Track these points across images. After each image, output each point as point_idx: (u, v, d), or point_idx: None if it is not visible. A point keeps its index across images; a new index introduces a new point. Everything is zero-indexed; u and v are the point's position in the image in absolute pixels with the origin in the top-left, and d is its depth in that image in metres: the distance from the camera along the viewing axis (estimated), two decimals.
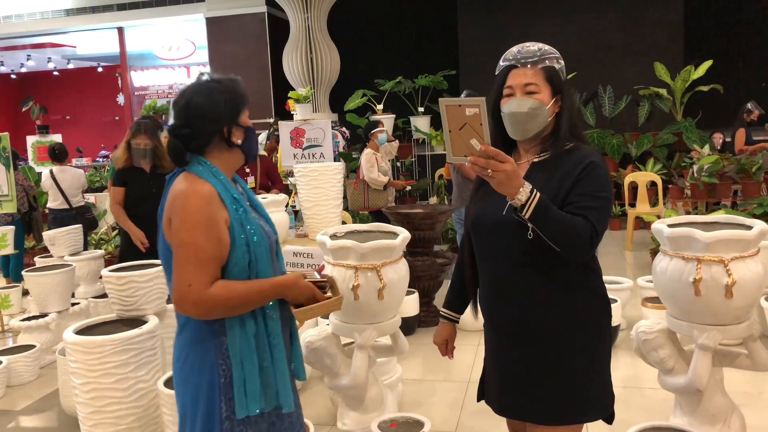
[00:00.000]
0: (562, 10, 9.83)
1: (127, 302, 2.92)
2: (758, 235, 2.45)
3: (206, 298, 1.61)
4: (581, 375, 1.79)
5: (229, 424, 1.67)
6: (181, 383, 1.74)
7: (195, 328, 1.69)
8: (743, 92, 8.83)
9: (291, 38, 9.13)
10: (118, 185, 4.26)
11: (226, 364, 1.67)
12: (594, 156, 1.77)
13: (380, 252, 2.82)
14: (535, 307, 1.78)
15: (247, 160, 1.81)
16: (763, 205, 5.06)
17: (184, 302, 1.62)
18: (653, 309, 4.06)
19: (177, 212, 1.63)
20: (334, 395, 3.18)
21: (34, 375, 4.19)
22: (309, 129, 5.77)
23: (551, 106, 1.79)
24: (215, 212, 1.64)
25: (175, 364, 1.76)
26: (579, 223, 1.68)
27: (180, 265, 1.62)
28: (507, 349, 1.88)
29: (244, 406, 1.66)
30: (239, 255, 1.66)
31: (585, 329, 1.80)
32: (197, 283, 1.60)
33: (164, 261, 1.72)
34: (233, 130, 1.73)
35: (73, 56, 13.34)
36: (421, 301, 4.72)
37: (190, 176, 1.68)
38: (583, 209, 1.69)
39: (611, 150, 8.46)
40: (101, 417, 2.66)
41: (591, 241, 1.69)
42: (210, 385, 1.67)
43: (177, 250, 1.62)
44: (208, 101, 1.69)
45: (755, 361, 2.56)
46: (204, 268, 1.61)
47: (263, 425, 1.72)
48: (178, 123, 1.71)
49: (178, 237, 1.62)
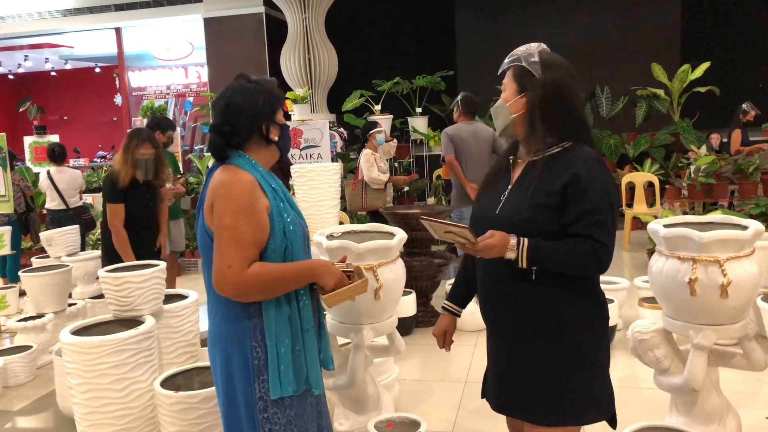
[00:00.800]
0: (560, 11, 9.85)
1: (123, 303, 2.92)
2: (753, 235, 2.45)
3: (244, 279, 1.70)
4: (571, 376, 1.79)
5: (262, 404, 1.76)
6: (220, 368, 1.82)
7: (229, 310, 1.78)
8: (740, 93, 8.84)
9: (289, 39, 9.13)
10: (118, 202, 3.98)
11: (260, 345, 1.76)
12: (580, 164, 1.73)
13: (377, 252, 2.83)
14: (525, 306, 1.80)
15: (282, 156, 1.92)
16: (760, 206, 5.07)
17: (224, 283, 1.71)
18: (650, 309, 4.07)
19: (220, 199, 1.73)
20: (331, 395, 3.18)
21: (31, 376, 4.19)
22: (307, 129, 5.77)
23: (512, 103, 1.83)
24: (257, 199, 1.74)
25: (213, 349, 1.85)
26: (579, 247, 1.70)
27: (222, 248, 1.71)
28: (502, 346, 1.91)
29: (278, 387, 1.75)
30: (277, 241, 1.76)
31: (575, 330, 1.79)
32: (237, 265, 1.69)
33: (203, 248, 1.82)
34: (271, 128, 1.84)
35: (70, 57, 13.32)
36: (419, 301, 4.72)
37: (231, 167, 1.79)
38: (585, 229, 1.71)
39: (608, 150, 8.46)
40: (98, 417, 2.65)
41: (599, 258, 1.71)
42: (245, 367, 1.75)
43: (219, 233, 1.72)
44: (248, 100, 1.80)
45: (750, 360, 2.57)
46: (244, 251, 1.70)
47: (293, 410, 1.79)
48: (219, 121, 1.82)
49: (220, 221, 1.72)
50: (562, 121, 1.80)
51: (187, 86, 11.88)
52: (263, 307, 1.76)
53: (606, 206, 1.72)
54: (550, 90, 1.79)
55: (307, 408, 1.84)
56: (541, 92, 1.79)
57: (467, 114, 5.28)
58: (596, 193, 1.71)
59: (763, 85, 9.34)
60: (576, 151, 1.78)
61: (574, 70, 1.85)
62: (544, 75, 1.79)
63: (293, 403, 1.79)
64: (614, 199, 1.75)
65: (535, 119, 1.79)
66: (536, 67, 1.80)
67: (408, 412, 2.95)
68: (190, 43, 11.59)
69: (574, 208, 1.71)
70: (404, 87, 8.86)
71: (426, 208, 5.61)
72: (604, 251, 1.70)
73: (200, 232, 1.82)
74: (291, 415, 1.79)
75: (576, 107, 1.82)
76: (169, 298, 3.24)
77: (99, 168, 10.10)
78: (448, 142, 5.21)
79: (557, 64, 1.82)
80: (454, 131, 5.26)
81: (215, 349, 1.84)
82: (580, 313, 1.80)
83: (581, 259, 1.71)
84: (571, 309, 1.79)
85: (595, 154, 1.78)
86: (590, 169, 1.73)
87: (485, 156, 5.28)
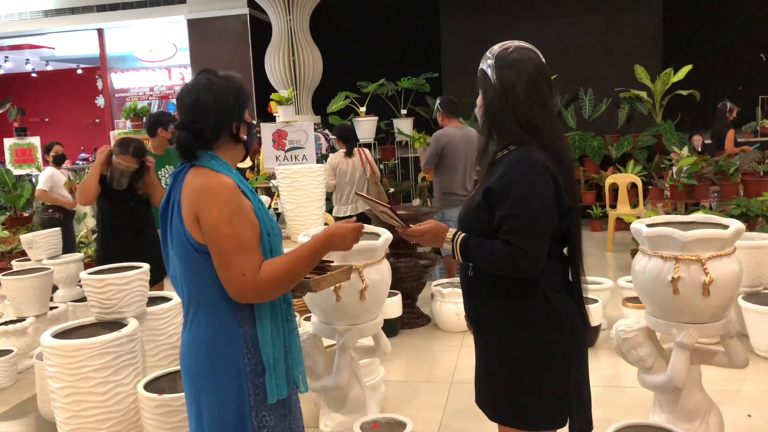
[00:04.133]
0: (544, 13, 9.92)
1: (106, 305, 2.88)
2: (734, 234, 2.48)
3: (263, 283, 1.65)
4: (516, 382, 1.80)
5: (256, 412, 1.72)
6: (203, 376, 1.74)
7: (219, 318, 1.71)
8: (721, 95, 8.95)
9: (273, 40, 9.10)
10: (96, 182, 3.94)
11: (251, 352, 1.71)
12: (510, 168, 1.72)
13: (362, 253, 2.82)
14: (480, 307, 1.85)
15: (246, 154, 1.87)
16: (740, 206, 5.13)
17: (245, 292, 1.65)
18: (634, 309, 4.10)
19: (208, 207, 1.66)
20: (317, 397, 3.16)
21: (12, 380, 4.13)
22: (291, 131, 5.74)
23: (480, 107, 1.87)
24: (243, 201, 1.70)
25: (193, 357, 1.75)
26: (498, 249, 1.71)
27: (228, 258, 1.64)
28: (475, 341, 1.97)
29: (274, 392, 1.73)
30: (264, 243, 1.72)
31: (522, 337, 1.78)
32: (250, 270, 1.64)
33: (183, 255, 1.72)
34: (241, 126, 1.78)
35: (51, 58, 13.18)
36: (404, 302, 4.72)
37: (204, 170, 1.71)
38: (504, 233, 1.72)
39: (592, 152, 8.53)
40: (80, 421, 2.62)
41: (517, 262, 1.69)
42: (237, 375, 1.71)
43: (219, 243, 1.64)
44: (218, 98, 1.73)
45: (732, 358, 2.60)
46: (251, 254, 1.66)
47: (281, 410, 1.78)
48: (188, 118, 1.73)
49: (217, 231, 1.64)
50: (509, 123, 1.77)
51: (170, 88, 11.80)
52: (257, 314, 1.71)
53: (522, 211, 1.68)
54: (498, 92, 1.78)
55: (293, 411, 1.83)
56: (491, 95, 1.80)
57: (450, 115, 5.24)
58: (516, 198, 1.69)
59: (743, 88, 9.47)
60: (515, 153, 1.76)
61: (544, 69, 1.80)
62: (495, 77, 1.78)
63: (279, 407, 1.77)
64: (538, 203, 1.68)
65: (490, 123, 1.83)
66: (491, 71, 1.80)
67: (394, 413, 2.95)
68: (173, 44, 11.51)
69: (498, 209, 1.74)
70: (389, 89, 8.86)
71: (411, 209, 5.61)
72: (522, 256, 1.68)
73: (178, 239, 1.71)
74: (280, 415, 1.78)
75: (526, 108, 1.76)
76: (152, 301, 3.21)
77: (81, 170, 9.98)
78: (435, 153, 5.11)
79: (512, 65, 1.77)
80: (445, 137, 5.10)
81: (197, 357, 1.75)
82: (522, 316, 1.78)
83: (499, 260, 1.72)
84: (523, 313, 1.78)
85: (531, 156, 1.72)
86: (514, 173, 1.71)
87: (474, 161, 5.26)
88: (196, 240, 1.68)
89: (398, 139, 8.88)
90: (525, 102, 1.77)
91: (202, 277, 1.70)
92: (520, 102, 1.77)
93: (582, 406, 1.83)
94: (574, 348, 1.80)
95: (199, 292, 1.73)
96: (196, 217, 1.67)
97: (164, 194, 1.80)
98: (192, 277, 1.73)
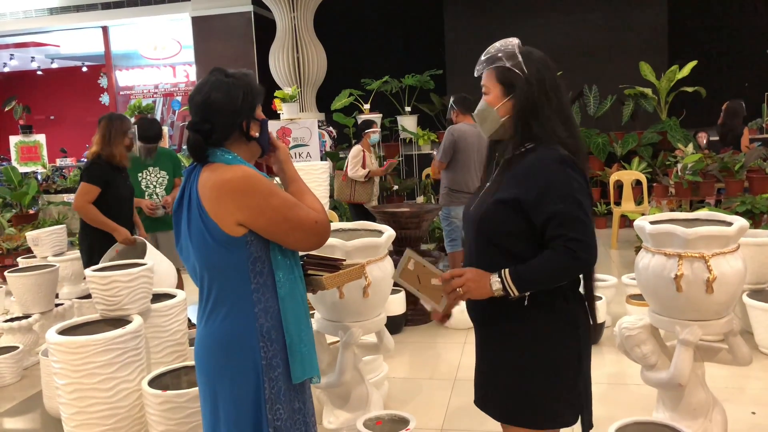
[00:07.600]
0: (549, 10, 9.88)
1: (110, 302, 2.90)
2: (738, 231, 2.48)
3: (324, 221, 1.79)
4: (519, 379, 1.78)
5: (271, 405, 1.73)
6: (219, 370, 1.75)
7: (235, 314, 1.72)
8: (726, 92, 8.91)
9: (277, 38, 9.11)
10: (97, 184, 3.86)
11: (267, 346, 1.73)
12: (541, 168, 1.69)
13: (365, 250, 2.83)
14: (482, 304, 1.80)
15: (263, 152, 1.87)
16: (746, 203, 5.12)
17: (326, 232, 1.80)
18: (637, 306, 4.09)
19: (242, 196, 1.68)
20: (320, 394, 3.17)
21: (17, 376, 4.15)
22: (295, 128, 5.75)
23: (501, 106, 1.78)
24: (265, 178, 1.73)
25: (209, 351, 1.77)
26: (550, 256, 1.67)
27: (293, 221, 1.72)
28: (477, 339, 1.94)
29: (300, 372, 1.76)
30: None
31: (522, 334, 1.78)
32: (315, 215, 1.77)
33: (203, 250, 1.73)
34: (251, 124, 1.79)
35: (57, 56, 13.21)
36: (408, 299, 4.73)
37: (221, 165, 1.73)
38: (554, 229, 1.66)
39: (597, 149, 8.51)
40: (85, 418, 2.64)
41: (576, 255, 1.65)
42: (254, 369, 1.72)
43: (275, 216, 1.69)
44: (227, 97, 1.73)
45: (736, 356, 2.59)
46: (303, 206, 1.76)
47: (295, 404, 1.79)
48: (197, 119, 1.74)
49: (267, 213, 1.68)
50: (551, 122, 1.74)
51: (175, 85, 11.82)
52: (282, 297, 1.75)
53: (569, 204, 1.66)
54: (535, 88, 1.73)
55: (308, 405, 1.85)
56: (526, 92, 1.74)
57: (465, 112, 5.21)
58: (556, 196, 1.66)
59: (749, 85, 9.42)
60: (534, 153, 1.73)
61: (553, 62, 1.80)
62: (528, 73, 1.74)
63: (293, 399, 1.78)
64: (581, 195, 1.68)
65: (528, 119, 1.74)
66: (520, 66, 1.74)
67: (397, 410, 2.95)
68: (178, 42, 11.52)
69: (540, 215, 1.68)
70: (393, 86, 8.86)
71: (415, 206, 5.61)
72: (580, 247, 1.64)
73: (197, 233, 1.72)
74: (294, 408, 1.79)
75: (567, 108, 1.77)
76: (156, 298, 3.23)
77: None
78: (450, 147, 5.11)
79: (537, 60, 1.77)
80: (460, 133, 5.09)
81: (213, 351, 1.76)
82: (531, 316, 1.76)
83: (557, 264, 1.66)
84: (524, 311, 1.75)
85: (558, 154, 1.70)
86: (549, 173, 1.69)
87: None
88: (224, 232, 1.68)
89: (402, 137, 8.88)
90: (566, 101, 1.78)
91: (222, 271, 1.72)
92: (564, 101, 1.77)
93: (588, 403, 1.85)
94: (586, 346, 1.82)
95: (219, 287, 1.74)
96: (225, 212, 1.67)
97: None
98: (211, 272, 1.74)
